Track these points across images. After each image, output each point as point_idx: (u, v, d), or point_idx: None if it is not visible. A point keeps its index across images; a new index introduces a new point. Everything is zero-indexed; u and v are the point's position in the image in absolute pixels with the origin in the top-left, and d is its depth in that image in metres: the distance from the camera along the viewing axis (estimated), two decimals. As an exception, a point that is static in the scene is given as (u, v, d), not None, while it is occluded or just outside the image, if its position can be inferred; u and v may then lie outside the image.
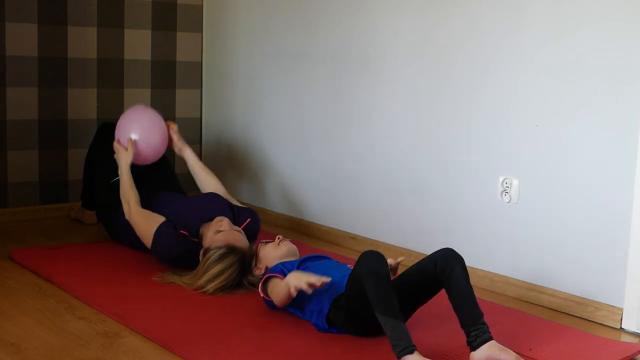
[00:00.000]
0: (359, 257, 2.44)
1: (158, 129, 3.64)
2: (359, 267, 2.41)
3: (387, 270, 2.41)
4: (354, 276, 2.46)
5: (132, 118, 3.64)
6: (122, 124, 3.62)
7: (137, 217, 3.34)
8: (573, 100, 2.97)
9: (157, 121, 3.66)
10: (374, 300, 2.33)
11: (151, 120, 3.65)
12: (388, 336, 2.30)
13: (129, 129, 3.59)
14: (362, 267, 2.39)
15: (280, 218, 4.29)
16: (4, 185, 4.13)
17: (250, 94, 4.48)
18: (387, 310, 2.31)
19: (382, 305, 2.31)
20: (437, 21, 3.43)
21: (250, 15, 4.46)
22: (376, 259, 2.41)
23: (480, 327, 2.36)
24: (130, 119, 3.64)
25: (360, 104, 3.82)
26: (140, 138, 3.57)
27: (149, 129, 3.61)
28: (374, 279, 2.35)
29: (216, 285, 2.96)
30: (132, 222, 3.36)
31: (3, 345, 2.47)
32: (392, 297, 2.34)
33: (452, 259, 2.45)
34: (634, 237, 2.81)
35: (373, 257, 2.42)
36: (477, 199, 3.31)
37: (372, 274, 2.36)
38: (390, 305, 2.32)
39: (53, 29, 4.19)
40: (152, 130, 3.62)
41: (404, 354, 2.25)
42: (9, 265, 3.33)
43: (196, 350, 2.44)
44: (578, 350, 2.58)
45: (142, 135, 3.57)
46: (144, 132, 3.59)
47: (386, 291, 2.34)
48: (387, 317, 2.30)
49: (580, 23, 2.93)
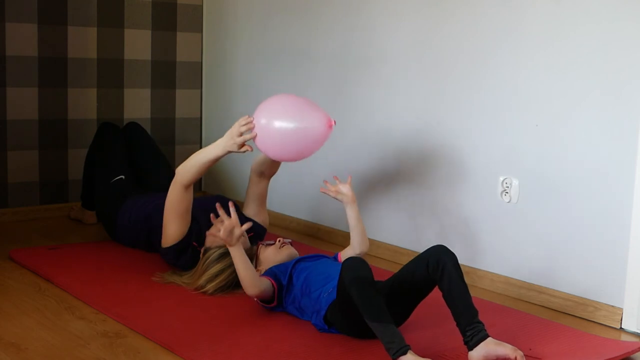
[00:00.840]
0: (341, 266, 2.45)
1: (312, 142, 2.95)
2: (342, 276, 2.41)
3: (371, 275, 2.40)
4: (340, 285, 2.46)
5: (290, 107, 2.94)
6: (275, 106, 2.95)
7: (177, 201, 3.13)
8: (573, 99, 2.97)
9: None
10: (360, 307, 2.33)
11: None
12: (380, 340, 2.31)
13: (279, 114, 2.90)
14: (345, 275, 2.39)
15: (278, 218, 4.29)
16: (4, 185, 4.13)
17: (250, 94, 4.48)
18: (374, 315, 2.31)
19: (369, 311, 2.31)
20: (437, 21, 3.43)
21: (250, 15, 4.46)
22: (358, 265, 2.40)
23: (476, 325, 2.36)
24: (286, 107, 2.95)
25: (360, 104, 3.82)
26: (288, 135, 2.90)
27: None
28: (357, 286, 2.34)
29: (216, 286, 2.96)
30: (171, 195, 3.15)
31: (3, 345, 2.47)
32: (378, 301, 2.33)
33: (444, 256, 2.44)
34: (634, 237, 2.81)
35: (355, 264, 2.41)
36: (477, 199, 3.31)
37: (355, 281, 2.35)
38: (377, 310, 2.31)
39: (53, 29, 4.19)
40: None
41: (398, 355, 2.25)
42: (9, 265, 3.33)
43: (196, 350, 2.44)
44: (578, 350, 2.57)
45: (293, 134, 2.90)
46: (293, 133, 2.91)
47: (371, 296, 2.33)
48: (376, 322, 2.30)
49: (580, 23, 2.93)
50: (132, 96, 4.51)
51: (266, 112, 2.93)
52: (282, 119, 2.89)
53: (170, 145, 4.68)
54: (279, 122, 2.88)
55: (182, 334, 2.57)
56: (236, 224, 2.64)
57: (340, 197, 2.99)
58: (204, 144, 4.83)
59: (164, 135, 4.63)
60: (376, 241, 3.70)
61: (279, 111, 2.92)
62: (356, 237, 2.96)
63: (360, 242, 2.96)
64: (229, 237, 2.62)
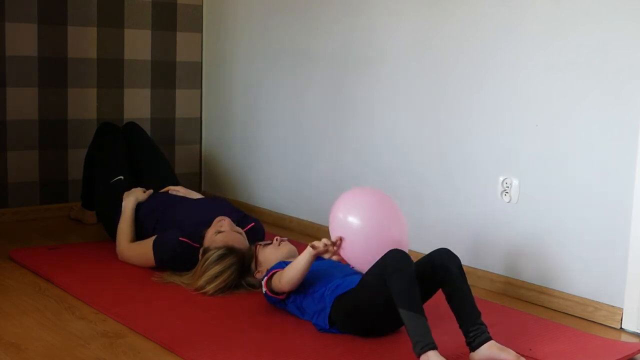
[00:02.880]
0: (385, 255, 2.43)
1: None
2: (386, 264, 2.39)
3: (413, 269, 2.39)
4: (375, 271, 2.44)
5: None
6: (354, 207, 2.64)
7: (128, 252, 3.35)
8: (573, 99, 2.97)
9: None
10: (398, 295, 2.31)
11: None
12: (409, 331, 2.29)
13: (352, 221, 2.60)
14: (389, 264, 2.38)
15: (279, 218, 4.29)
16: (4, 185, 4.13)
17: (250, 94, 4.48)
18: (411, 305, 2.29)
19: (407, 300, 2.30)
20: (437, 21, 3.43)
21: (250, 15, 4.46)
22: (403, 258, 2.40)
23: (479, 327, 2.36)
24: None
25: (360, 104, 3.82)
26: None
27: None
28: (400, 274, 2.34)
29: (216, 287, 2.96)
30: (126, 257, 3.35)
31: (3, 345, 2.47)
32: (417, 294, 2.33)
33: (448, 259, 2.45)
34: (634, 237, 2.81)
35: (400, 255, 2.41)
36: (477, 199, 3.31)
37: (398, 270, 2.35)
38: (415, 301, 2.31)
39: (53, 29, 4.19)
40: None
41: (425, 350, 2.24)
42: (9, 265, 3.33)
43: (196, 350, 2.44)
44: (578, 350, 2.58)
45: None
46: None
47: (412, 287, 2.33)
48: (411, 312, 2.28)
49: (580, 23, 2.93)
50: (132, 96, 4.51)
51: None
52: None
53: (170, 145, 4.68)
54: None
55: (182, 334, 2.57)
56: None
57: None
58: (204, 144, 4.83)
59: (164, 135, 4.63)
60: (376, 241, 3.69)
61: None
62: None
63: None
64: (321, 250, 2.58)
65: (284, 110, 4.26)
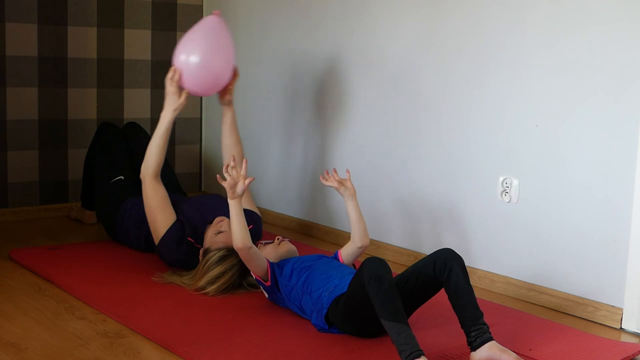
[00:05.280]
0: (362, 263, 2.44)
1: (223, 56, 3.25)
2: (362, 273, 2.40)
3: (391, 276, 2.40)
4: (357, 281, 2.45)
5: (200, 35, 3.24)
6: (187, 41, 3.25)
7: (152, 195, 3.30)
8: (573, 100, 2.97)
9: (227, 47, 3.25)
10: (378, 305, 2.31)
11: (221, 44, 3.23)
12: (394, 341, 2.28)
13: (190, 49, 3.21)
14: (365, 272, 2.38)
15: (278, 218, 4.29)
16: (4, 185, 4.13)
17: (250, 94, 4.48)
18: (391, 315, 2.29)
19: (386, 310, 2.30)
20: (437, 21, 3.43)
21: (250, 16, 4.47)
22: (380, 265, 2.40)
23: (480, 327, 2.36)
24: (197, 36, 3.24)
25: (359, 103, 3.82)
26: (201, 62, 3.20)
27: (215, 51, 3.24)
28: (377, 284, 2.33)
29: (217, 288, 2.95)
30: (145, 193, 3.31)
31: (3, 345, 2.47)
32: (397, 302, 2.32)
33: (451, 260, 2.45)
34: (634, 237, 2.81)
35: (377, 263, 2.41)
36: (477, 199, 3.31)
37: (375, 279, 2.34)
38: (394, 310, 2.30)
39: (53, 29, 4.19)
40: (218, 55, 3.25)
41: (412, 357, 2.24)
42: (9, 265, 3.33)
43: (196, 350, 2.44)
44: (578, 350, 2.58)
45: (203, 58, 3.20)
46: (207, 55, 3.21)
47: (390, 296, 2.32)
48: (392, 322, 2.28)
49: (580, 23, 2.93)
50: (132, 96, 4.51)
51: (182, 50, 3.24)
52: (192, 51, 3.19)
53: (170, 145, 4.67)
54: (192, 55, 3.19)
55: (182, 334, 2.57)
56: (242, 178, 2.73)
57: (342, 190, 3.00)
58: (204, 144, 4.83)
59: (164, 135, 4.62)
60: (376, 241, 3.70)
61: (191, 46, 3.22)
62: (357, 232, 2.96)
63: (361, 237, 2.96)
64: (231, 190, 2.72)
65: (284, 110, 4.26)
